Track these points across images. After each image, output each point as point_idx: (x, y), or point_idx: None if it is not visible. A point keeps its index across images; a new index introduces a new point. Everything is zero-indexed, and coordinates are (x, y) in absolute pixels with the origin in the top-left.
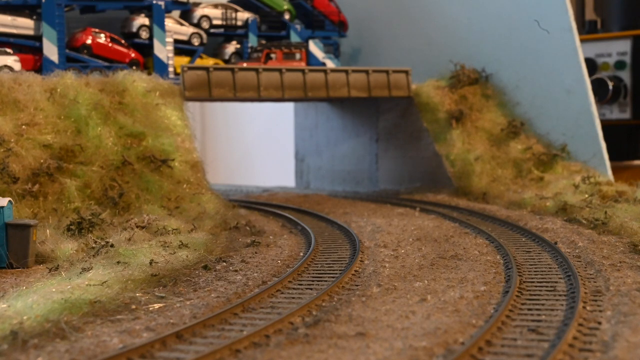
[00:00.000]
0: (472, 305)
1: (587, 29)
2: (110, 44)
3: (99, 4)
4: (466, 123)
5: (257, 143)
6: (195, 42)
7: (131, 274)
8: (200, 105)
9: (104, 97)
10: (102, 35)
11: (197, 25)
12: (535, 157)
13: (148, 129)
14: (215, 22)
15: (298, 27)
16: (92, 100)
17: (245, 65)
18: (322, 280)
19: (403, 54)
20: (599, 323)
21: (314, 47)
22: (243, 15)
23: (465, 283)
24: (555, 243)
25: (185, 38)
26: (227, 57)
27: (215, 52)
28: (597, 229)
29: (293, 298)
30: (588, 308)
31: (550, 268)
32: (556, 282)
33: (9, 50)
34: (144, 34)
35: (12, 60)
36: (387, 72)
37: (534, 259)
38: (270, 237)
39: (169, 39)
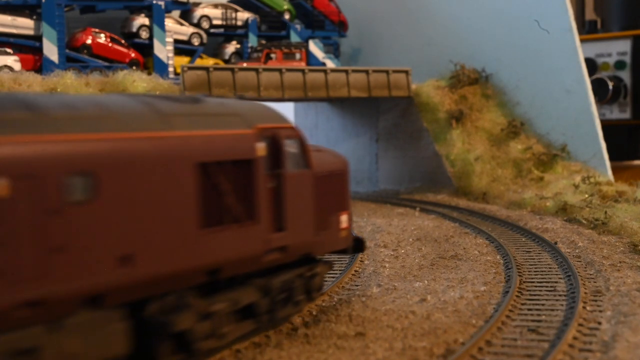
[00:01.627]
0: (472, 305)
1: (587, 29)
2: (110, 44)
3: (99, 4)
4: (466, 123)
5: None
6: (195, 42)
7: None
8: None
9: None
10: (102, 35)
11: (197, 25)
12: (535, 157)
13: None
14: (215, 22)
15: (298, 27)
16: None
17: (245, 65)
18: None
19: (403, 54)
20: (599, 323)
21: (314, 47)
22: (243, 15)
23: (465, 283)
24: (555, 243)
25: (185, 38)
26: (227, 57)
27: (215, 52)
28: (597, 229)
29: None
30: (588, 308)
31: (550, 268)
32: (556, 282)
33: (9, 50)
34: (144, 34)
35: (12, 60)
36: (387, 72)
37: (534, 259)
38: None
39: (169, 39)
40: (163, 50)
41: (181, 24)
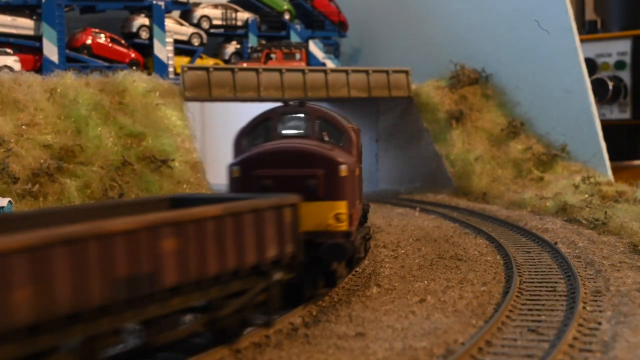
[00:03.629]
0: (472, 306)
1: (587, 29)
2: (110, 44)
3: (99, 4)
4: (466, 123)
5: None
6: (195, 42)
7: None
8: (200, 105)
9: (104, 97)
10: (102, 35)
11: (197, 25)
12: (535, 157)
13: (148, 129)
14: (215, 22)
15: (298, 27)
16: (92, 101)
17: (245, 65)
18: None
19: (403, 54)
20: (599, 323)
21: (314, 47)
22: (243, 15)
23: (465, 283)
24: (555, 243)
25: (185, 38)
26: (227, 57)
27: (215, 52)
28: (597, 229)
29: None
30: (588, 308)
31: (550, 268)
32: (556, 282)
33: (9, 50)
34: (144, 34)
35: (12, 60)
36: (387, 72)
37: (534, 259)
38: None
39: (169, 39)
40: (163, 51)
41: (181, 24)
